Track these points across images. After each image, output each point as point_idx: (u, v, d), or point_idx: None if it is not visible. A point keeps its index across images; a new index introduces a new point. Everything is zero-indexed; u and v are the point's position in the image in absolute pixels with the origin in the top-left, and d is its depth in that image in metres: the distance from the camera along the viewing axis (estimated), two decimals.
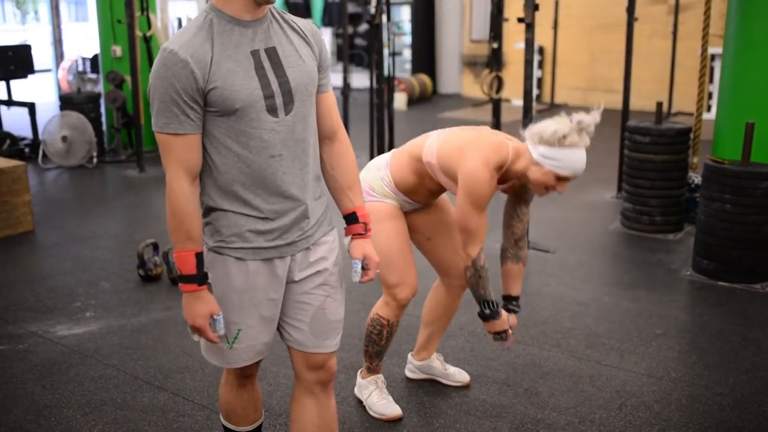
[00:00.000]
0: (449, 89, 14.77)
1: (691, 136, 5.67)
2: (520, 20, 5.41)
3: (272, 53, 2.00)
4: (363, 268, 2.27)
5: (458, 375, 3.40)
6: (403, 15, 14.62)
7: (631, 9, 6.56)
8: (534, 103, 12.84)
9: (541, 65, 13.35)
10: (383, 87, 6.46)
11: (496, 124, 7.25)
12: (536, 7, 5.34)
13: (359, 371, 3.27)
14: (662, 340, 3.83)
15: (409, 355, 3.45)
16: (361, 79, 12.32)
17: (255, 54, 1.97)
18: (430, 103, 13.64)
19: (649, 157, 5.43)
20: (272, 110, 1.98)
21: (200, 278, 1.99)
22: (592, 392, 3.31)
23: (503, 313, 2.94)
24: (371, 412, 3.13)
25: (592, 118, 2.65)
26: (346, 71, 8.50)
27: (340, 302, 2.28)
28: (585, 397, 3.27)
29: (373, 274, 2.29)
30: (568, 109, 3.38)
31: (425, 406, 3.22)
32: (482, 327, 3.14)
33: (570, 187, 2.92)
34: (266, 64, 1.98)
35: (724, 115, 5.22)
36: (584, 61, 13.05)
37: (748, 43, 5.00)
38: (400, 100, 12.75)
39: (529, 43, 5.34)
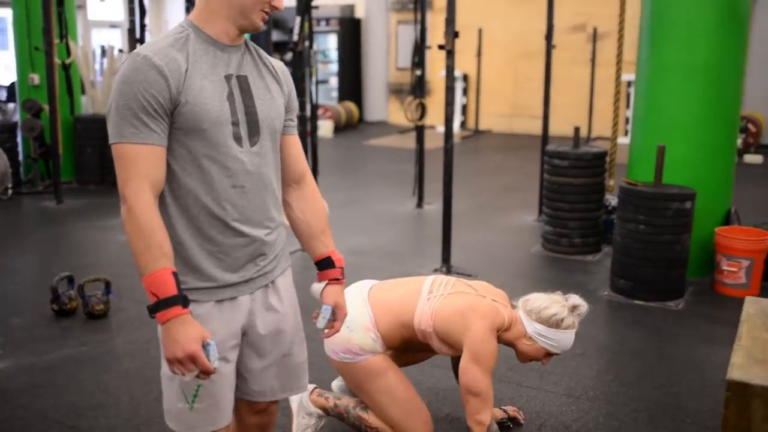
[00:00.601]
0: (376, 117, 14.88)
1: (607, 159, 5.82)
2: (440, 47, 5.49)
3: (243, 82, 1.94)
4: (332, 317, 2.18)
5: None
6: (330, 43, 14.70)
7: (549, 37, 6.74)
8: (459, 130, 13.12)
9: (465, 92, 13.58)
10: (305, 114, 6.46)
11: (420, 150, 7.33)
12: (456, 35, 5.43)
13: (311, 390, 3.09)
14: (581, 359, 3.89)
15: None
16: None
17: (228, 78, 1.91)
18: (356, 130, 13.70)
19: (567, 181, 5.55)
20: (237, 138, 1.90)
21: (183, 299, 1.77)
22: None
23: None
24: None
25: (586, 304, 2.84)
26: None
27: (303, 341, 2.21)
28: None
29: (340, 326, 2.21)
30: (492, 135, 3.43)
31: None
32: None
33: (492, 211, 2.99)
34: (236, 90, 1.92)
35: (638, 138, 5.38)
36: (508, 88, 13.33)
37: (659, 69, 5.18)
38: (326, 127, 12.77)
39: (450, 70, 5.42)
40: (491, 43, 13.07)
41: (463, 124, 13.56)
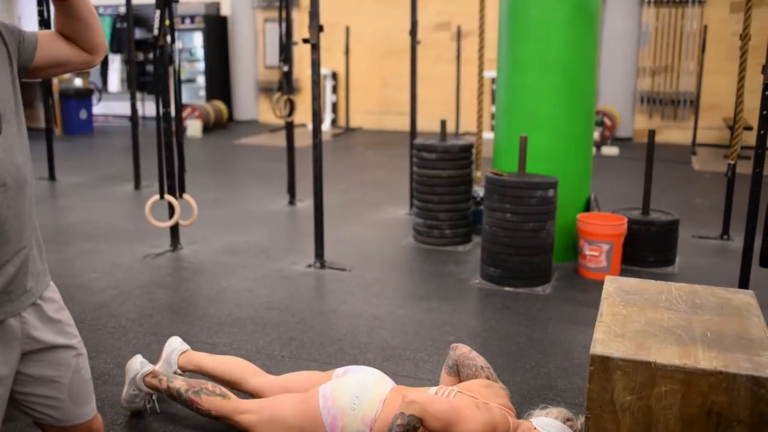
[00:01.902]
0: (246, 116, 14.64)
1: (474, 151, 5.95)
2: (305, 41, 5.44)
3: None
4: None
5: None
6: (196, 41, 14.34)
7: (413, 34, 6.82)
8: (330, 128, 13.11)
9: (335, 90, 13.59)
10: (169, 112, 6.24)
11: (290, 147, 7.25)
12: (321, 28, 5.39)
13: (149, 371, 3.13)
14: None
15: None
16: (153, 108, 11.89)
17: None
18: (226, 129, 13.43)
19: (436, 173, 5.63)
20: None
21: None
22: None
23: None
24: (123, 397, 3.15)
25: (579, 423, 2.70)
26: (134, 98, 8.17)
27: (86, 356, 2.09)
28: None
29: None
30: (363, 132, 3.42)
31: None
32: (280, 349, 2.98)
33: (365, 206, 2.94)
34: None
35: (502, 130, 5.53)
36: (376, 85, 13.44)
37: (518, 65, 5.35)
38: (194, 127, 12.45)
39: (316, 64, 5.38)
40: (359, 41, 13.14)
41: (333, 122, 13.56)
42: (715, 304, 2.78)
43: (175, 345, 3.36)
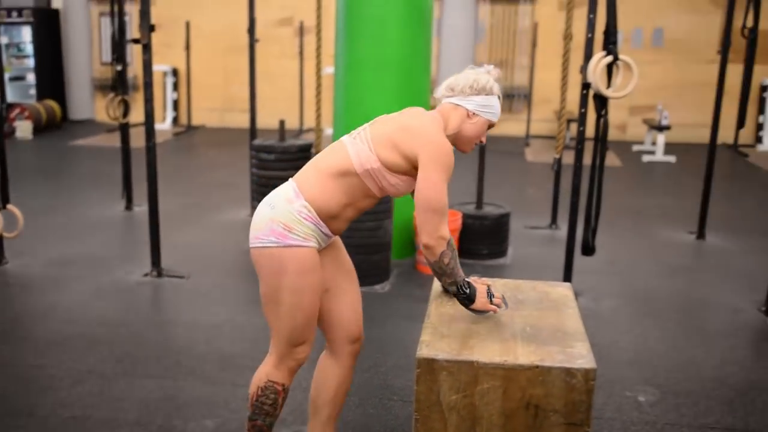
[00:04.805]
0: (81, 115, 13.93)
1: (313, 150, 5.95)
2: (135, 41, 5.23)
3: None
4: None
5: None
6: (25, 36, 13.46)
7: (251, 30, 6.72)
8: (171, 126, 12.72)
9: (176, 87, 13.19)
10: None
11: (126, 150, 6.97)
12: (152, 28, 5.19)
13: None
14: None
15: None
16: None
17: None
18: (60, 130, 12.73)
19: (275, 174, 5.58)
20: None
21: None
22: (227, 416, 3.27)
23: (476, 283, 2.63)
24: None
25: (492, 67, 2.63)
26: None
27: None
28: (220, 422, 3.22)
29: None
30: (206, 130, 3.31)
31: None
32: (113, 366, 2.85)
33: (206, 209, 2.84)
34: None
35: (340, 129, 5.55)
36: (219, 82, 13.18)
37: (355, 62, 5.39)
38: (24, 128, 11.72)
39: (147, 64, 5.18)
40: (200, 36, 12.82)
41: (175, 120, 13.16)
42: (536, 299, 2.91)
43: None
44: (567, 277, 4.58)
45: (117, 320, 4.31)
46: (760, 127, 11.90)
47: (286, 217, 2.44)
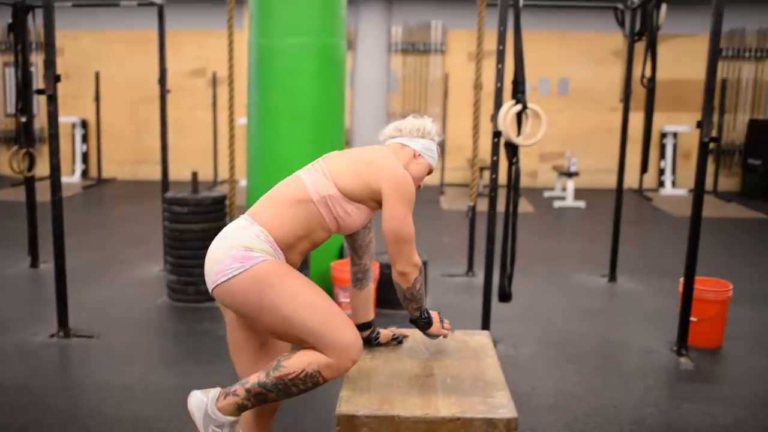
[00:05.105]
0: None
1: (227, 203, 5.85)
2: (39, 92, 5.07)
3: None
4: None
5: None
6: None
7: (162, 81, 6.62)
8: (80, 179, 12.35)
9: (85, 139, 12.86)
10: None
11: (31, 204, 6.70)
12: (58, 78, 5.04)
13: (216, 397, 2.39)
14: None
15: None
16: None
17: None
18: None
19: (189, 227, 5.46)
20: None
21: None
22: None
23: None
24: None
25: (432, 119, 2.78)
26: None
27: None
28: None
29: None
30: (117, 183, 3.20)
31: None
32: None
33: (116, 265, 2.71)
34: None
35: (254, 180, 5.49)
36: (130, 133, 12.93)
37: (268, 113, 5.36)
38: None
39: (53, 116, 5.01)
40: (111, 87, 12.58)
41: (84, 173, 12.80)
42: (455, 348, 2.90)
43: (200, 401, 2.44)
44: (485, 324, 4.60)
45: (20, 386, 4.07)
46: (661, 171, 12.41)
47: (244, 240, 2.37)
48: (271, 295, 2.32)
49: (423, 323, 2.75)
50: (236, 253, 2.34)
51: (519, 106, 4.45)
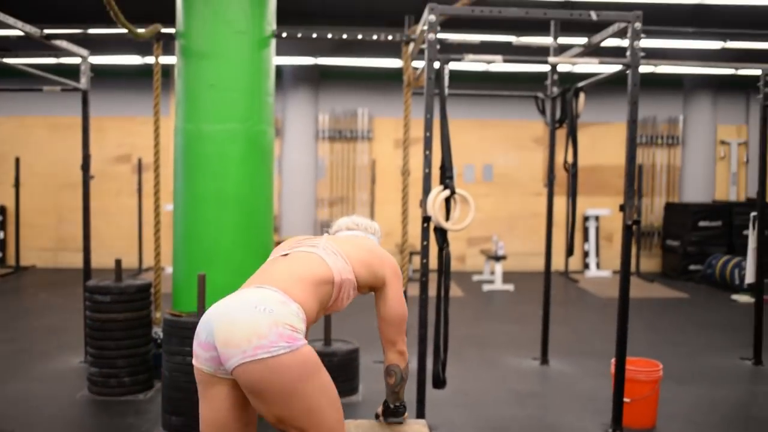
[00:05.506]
0: None
1: (152, 290, 5.68)
2: None
3: None
4: None
5: None
6: None
7: (85, 167, 6.48)
8: None
9: (3, 226, 12.43)
10: None
11: None
12: None
13: None
14: None
15: None
16: None
17: None
18: None
19: (111, 317, 5.26)
20: None
21: None
22: None
23: None
24: None
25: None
26: None
27: None
28: None
29: None
30: (37, 271, 3.06)
31: None
32: None
33: (32, 357, 2.58)
34: None
35: (180, 268, 5.35)
36: (52, 220, 12.57)
37: (194, 199, 5.28)
38: None
39: None
40: (31, 173, 12.28)
41: (1, 261, 12.32)
42: None
43: None
44: (420, 412, 4.52)
45: None
46: (586, 254, 12.70)
47: (289, 318, 2.31)
48: (312, 382, 2.30)
49: (402, 410, 2.96)
50: (283, 331, 2.26)
51: (447, 192, 4.50)
